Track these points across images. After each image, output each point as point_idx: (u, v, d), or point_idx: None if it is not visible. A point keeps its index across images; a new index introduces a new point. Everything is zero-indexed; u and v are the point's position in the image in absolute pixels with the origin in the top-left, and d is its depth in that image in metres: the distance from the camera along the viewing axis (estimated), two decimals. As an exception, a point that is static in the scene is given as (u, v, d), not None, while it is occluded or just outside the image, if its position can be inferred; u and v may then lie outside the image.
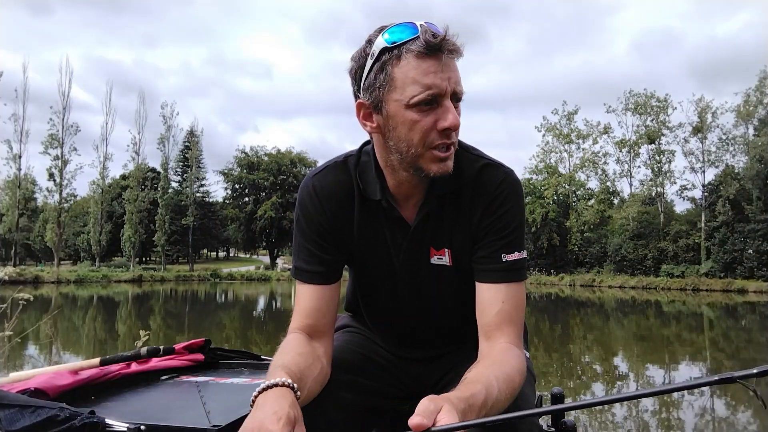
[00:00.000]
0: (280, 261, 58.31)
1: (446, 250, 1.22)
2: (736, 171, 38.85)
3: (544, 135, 47.81)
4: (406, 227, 1.20)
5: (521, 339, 1.16)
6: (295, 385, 0.95)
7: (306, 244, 1.21)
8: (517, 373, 1.06)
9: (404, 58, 1.04)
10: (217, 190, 76.94)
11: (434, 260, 1.22)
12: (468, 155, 1.20)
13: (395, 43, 1.04)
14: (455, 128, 1.06)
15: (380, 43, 1.06)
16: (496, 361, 1.07)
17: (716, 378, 0.69)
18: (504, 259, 1.15)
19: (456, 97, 1.07)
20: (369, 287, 1.33)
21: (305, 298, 1.20)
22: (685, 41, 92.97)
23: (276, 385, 0.92)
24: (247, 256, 71.58)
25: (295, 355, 1.08)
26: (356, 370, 1.26)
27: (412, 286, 1.26)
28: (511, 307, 1.14)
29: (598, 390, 7.54)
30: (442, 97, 1.04)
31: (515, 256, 1.16)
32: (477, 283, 1.18)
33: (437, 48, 1.02)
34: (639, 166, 45.90)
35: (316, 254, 1.21)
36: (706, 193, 40.15)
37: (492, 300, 1.15)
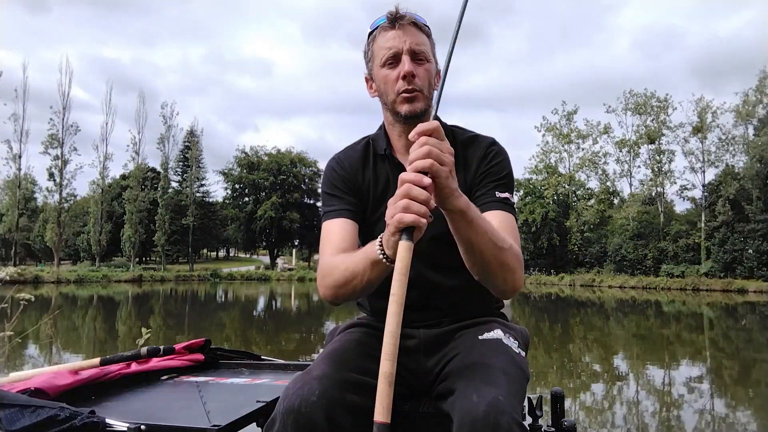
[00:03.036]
0: (280, 261, 58.22)
1: None
2: (736, 171, 38.82)
3: (543, 135, 47.74)
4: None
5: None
6: None
7: (333, 193, 1.44)
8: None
9: (378, 35, 1.39)
10: (217, 190, 77.19)
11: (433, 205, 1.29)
12: (460, 130, 1.48)
13: (374, 27, 1.39)
14: (408, 74, 1.33)
15: (367, 30, 1.42)
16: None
17: None
18: (498, 195, 1.36)
19: (416, 56, 1.35)
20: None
21: (337, 231, 1.38)
22: (686, 40, 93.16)
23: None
24: (247, 256, 71.58)
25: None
26: (361, 370, 1.26)
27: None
28: (508, 227, 1.30)
29: (598, 390, 7.54)
30: (401, 54, 1.34)
31: (507, 195, 1.37)
32: None
33: (393, 20, 1.35)
34: (639, 166, 45.98)
35: (341, 197, 1.43)
36: (706, 193, 40.13)
37: (490, 220, 1.26)
